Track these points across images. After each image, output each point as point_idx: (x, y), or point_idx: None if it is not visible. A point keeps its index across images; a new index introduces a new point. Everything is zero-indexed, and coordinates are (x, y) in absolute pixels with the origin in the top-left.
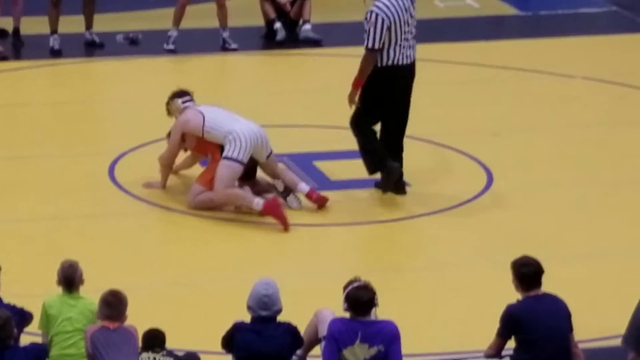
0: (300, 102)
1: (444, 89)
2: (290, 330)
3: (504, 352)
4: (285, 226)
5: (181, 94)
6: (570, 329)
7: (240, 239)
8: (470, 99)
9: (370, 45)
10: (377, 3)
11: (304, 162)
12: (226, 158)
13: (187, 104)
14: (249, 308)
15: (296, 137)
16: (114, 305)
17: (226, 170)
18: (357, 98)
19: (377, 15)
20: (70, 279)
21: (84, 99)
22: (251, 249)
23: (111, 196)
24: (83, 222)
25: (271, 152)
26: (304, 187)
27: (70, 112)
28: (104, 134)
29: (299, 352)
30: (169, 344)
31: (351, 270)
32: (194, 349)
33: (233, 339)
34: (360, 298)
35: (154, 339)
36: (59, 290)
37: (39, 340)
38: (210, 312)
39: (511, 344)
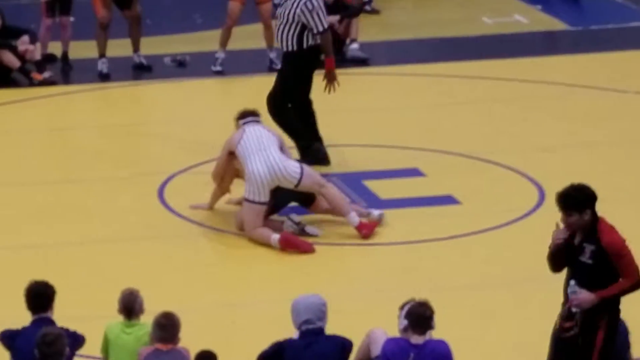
0: (348, 121)
1: (494, 105)
2: (342, 342)
3: None
4: (307, 250)
5: (244, 114)
6: None
7: (290, 260)
8: (520, 115)
9: (323, 27)
10: None
11: (354, 181)
12: (246, 200)
13: (246, 124)
14: (306, 322)
15: (345, 156)
16: (166, 327)
17: (248, 212)
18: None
19: (319, 1)
20: (129, 307)
21: (133, 122)
22: (301, 270)
23: (161, 218)
24: (134, 245)
25: (300, 180)
26: (353, 219)
27: (119, 135)
28: (153, 157)
29: None
30: None
31: (402, 289)
32: None
33: (282, 356)
34: (423, 314)
35: None
36: (117, 315)
37: None
38: (260, 333)
39: None
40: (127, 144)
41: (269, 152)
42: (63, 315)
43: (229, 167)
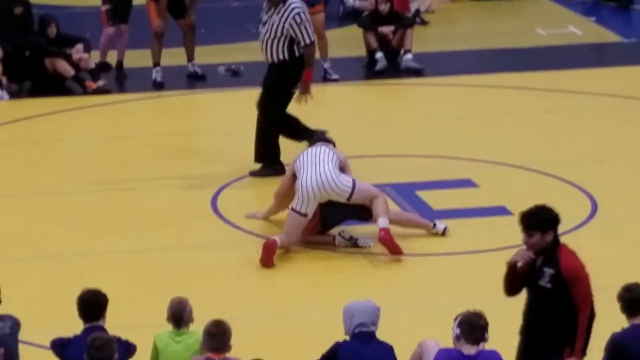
0: (402, 131)
1: (547, 117)
2: (391, 349)
3: None
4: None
5: (315, 138)
6: None
7: (344, 268)
8: (572, 127)
9: (310, 40)
10: (295, 3)
11: (407, 192)
12: (292, 209)
13: (313, 145)
14: (360, 325)
15: (398, 167)
16: (218, 336)
17: (291, 222)
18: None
19: (304, 12)
20: (178, 316)
21: (187, 131)
22: (354, 279)
23: (214, 227)
24: (186, 254)
25: (351, 193)
26: (382, 222)
27: (173, 143)
28: (207, 165)
29: None
30: None
31: (455, 300)
32: None
33: (336, 357)
34: (476, 323)
35: None
36: (168, 325)
37: None
38: (312, 343)
39: None
40: (181, 152)
41: (322, 167)
42: (114, 324)
43: (292, 188)
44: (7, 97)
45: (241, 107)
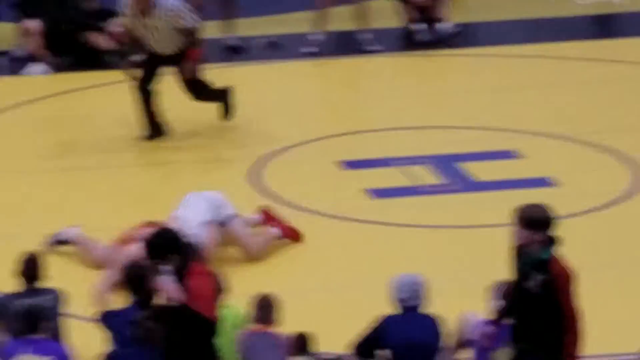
0: (441, 102)
1: (590, 87)
2: (437, 321)
3: None
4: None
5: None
6: None
7: (387, 242)
8: (616, 97)
9: (194, 20)
10: (162, 2)
11: (446, 163)
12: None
13: None
14: (400, 300)
15: (438, 138)
16: (265, 308)
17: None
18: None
19: (174, 4)
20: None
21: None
22: (399, 251)
23: (254, 201)
24: None
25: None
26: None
27: (212, 116)
28: (245, 138)
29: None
30: (318, 348)
31: (498, 272)
32: (342, 353)
33: (385, 333)
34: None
35: (303, 343)
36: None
37: None
38: (357, 316)
39: None
40: (219, 125)
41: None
42: None
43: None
44: (50, 71)
45: (279, 80)
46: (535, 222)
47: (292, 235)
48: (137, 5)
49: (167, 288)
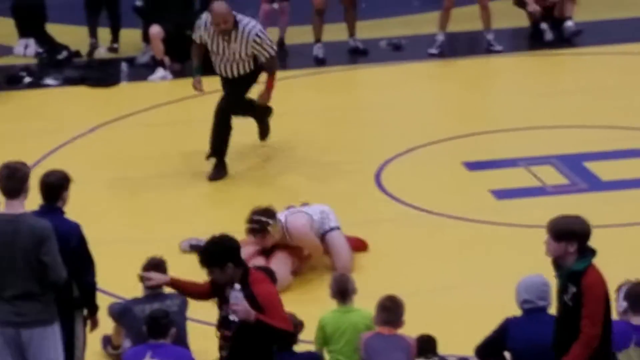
0: (568, 102)
1: None
2: None
3: None
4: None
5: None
6: None
7: (513, 243)
8: None
9: (273, 52)
10: (251, 22)
11: (574, 163)
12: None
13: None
14: (525, 302)
15: (565, 138)
16: (391, 310)
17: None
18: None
19: (260, 30)
20: (343, 289)
21: (348, 107)
22: (524, 253)
23: (379, 203)
24: (354, 230)
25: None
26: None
27: (336, 119)
28: (369, 141)
29: None
30: (442, 350)
31: (625, 272)
32: (466, 355)
33: (507, 335)
34: None
35: (426, 345)
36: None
37: None
38: (482, 318)
39: None
40: (343, 128)
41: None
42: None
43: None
44: (170, 77)
45: (403, 81)
46: (567, 234)
47: (360, 247)
48: (221, 25)
49: (239, 308)
